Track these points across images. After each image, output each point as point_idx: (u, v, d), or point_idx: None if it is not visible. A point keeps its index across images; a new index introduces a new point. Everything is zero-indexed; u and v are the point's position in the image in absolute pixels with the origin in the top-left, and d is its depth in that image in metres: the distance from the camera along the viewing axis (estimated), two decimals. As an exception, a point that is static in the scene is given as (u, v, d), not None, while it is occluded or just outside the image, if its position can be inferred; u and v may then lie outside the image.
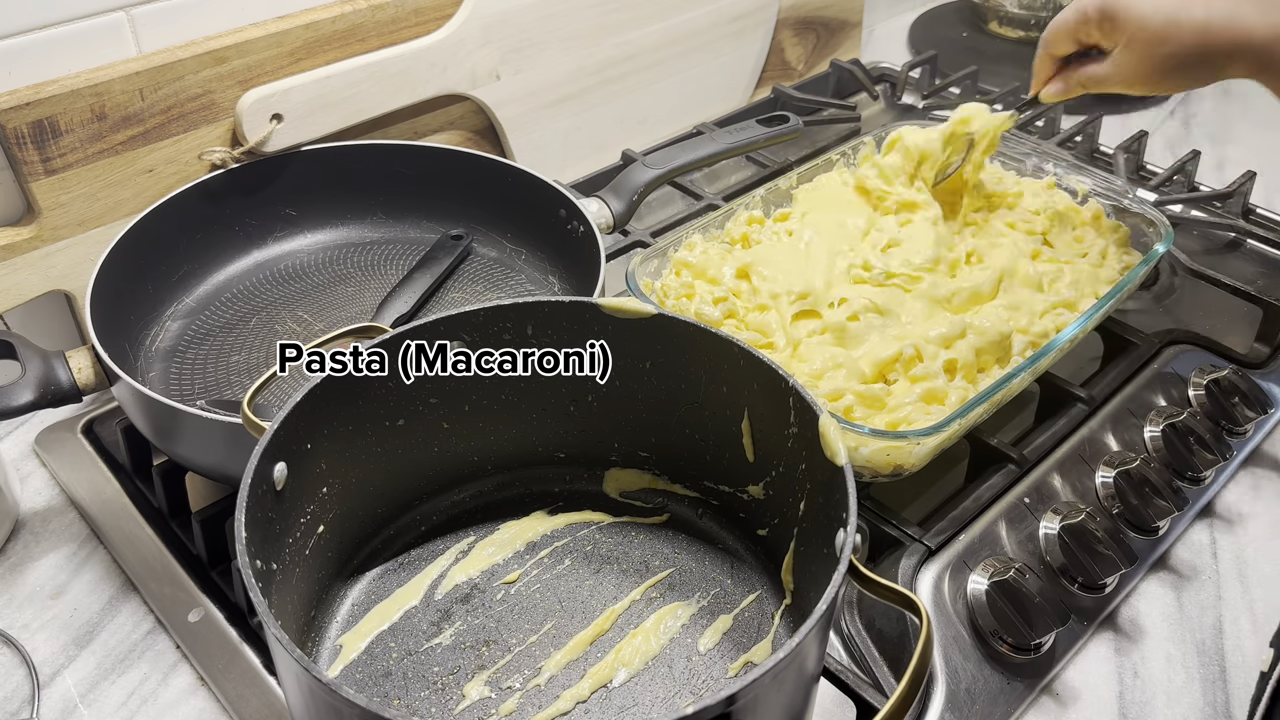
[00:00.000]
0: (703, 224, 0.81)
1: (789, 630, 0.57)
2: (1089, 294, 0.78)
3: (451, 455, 0.63)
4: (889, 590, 0.45)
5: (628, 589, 0.60)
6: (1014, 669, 0.62)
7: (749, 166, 1.10)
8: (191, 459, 0.68)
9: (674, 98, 1.12)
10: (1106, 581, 0.65)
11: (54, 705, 0.61)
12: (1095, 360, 0.84)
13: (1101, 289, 0.79)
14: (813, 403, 0.52)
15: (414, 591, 0.60)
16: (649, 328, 0.58)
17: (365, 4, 0.86)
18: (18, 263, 0.76)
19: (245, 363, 0.76)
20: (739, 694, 0.39)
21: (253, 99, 0.81)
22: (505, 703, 0.54)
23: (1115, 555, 0.64)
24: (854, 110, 1.18)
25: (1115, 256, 0.82)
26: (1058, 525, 0.66)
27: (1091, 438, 0.74)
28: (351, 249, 0.88)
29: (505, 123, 0.98)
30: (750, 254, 0.78)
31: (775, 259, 0.77)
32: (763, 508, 0.60)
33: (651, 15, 1.04)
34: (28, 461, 0.77)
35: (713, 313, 0.73)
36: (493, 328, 0.58)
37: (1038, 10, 1.39)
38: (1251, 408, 0.77)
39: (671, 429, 0.62)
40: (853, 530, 0.46)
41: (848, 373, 0.69)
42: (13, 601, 0.67)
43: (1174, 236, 0.81)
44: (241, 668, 0.61)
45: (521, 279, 0.86)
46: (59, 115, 0.74)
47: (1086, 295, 0.78)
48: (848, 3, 1.27)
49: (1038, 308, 0.76)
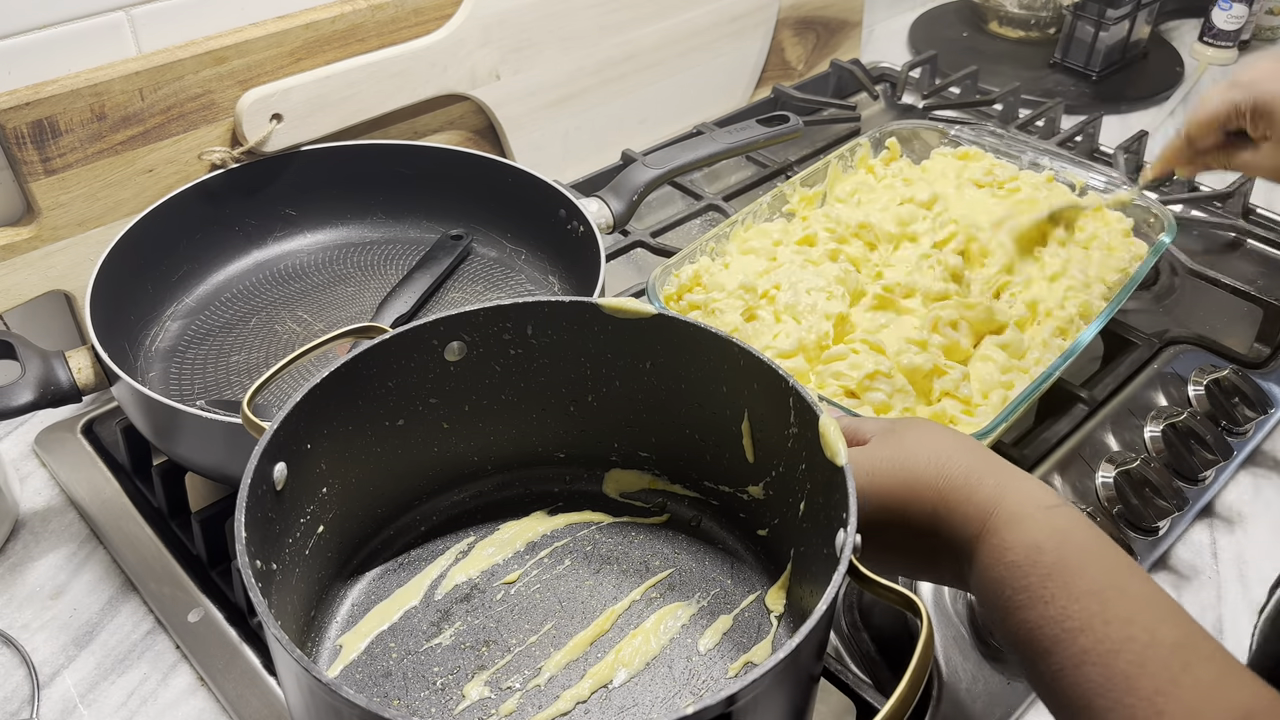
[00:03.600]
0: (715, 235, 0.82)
1: (789, 630, 0.57)
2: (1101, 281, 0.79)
3: (451, 455, 0.63)
4: (889, 590, 0.45)
5: (628, 589, 0.60)
6: (1014, 669, 0.61)
7: (749, 166, 1.10)
8: (191, 459, 0.68)
9: (674, 98, 1.12)
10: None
11: (54, 705, 0.61)
12: (1095, 360, 0.84)
13: (1112, 277, 0.79)
14: (813, 403, 0.52)
15: (414, 591, 0.59)
16: (649, 328, 0.58)
17: (365, 4, 0.86)
18: (17, 263, 0.76)
19: (245, 363, 0.76)
20: (739, 694, 0.39)
21: (252, 99, 0.81)
22: (505, 703, 0.54)
23: (1115, 555, 0.64)
24: (854, 110, 1.18)
25: (1123, 247, 0.82)
26: (1058, 525, 0.66)
27: (1092, 438, 0.74)
28: (351, 249, 0.88)
29: (505, 123, 0.98)
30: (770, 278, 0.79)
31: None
32: (763, 508, 0.60)
33: (651, 15, 1.04)
34: (28, 461, 0.77)
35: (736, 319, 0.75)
36: (493, 328, 0.58)
37: (1038, 10, 1.39)
38: (1252, 408, 0.77)
39: (671, 429, 0.62)
40: (853, 530, 0.46)
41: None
42: (13, 601, 0.67)
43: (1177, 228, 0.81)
44: (241, 668, 0.61)
45: (521, 279, 0.86)
46: (59, 115, 0.74)
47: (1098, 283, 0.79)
48: (848, 3, 1.27)
49: (1057, 295, 0.77)
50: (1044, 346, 0.74)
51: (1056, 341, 0.74)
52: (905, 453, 0.50)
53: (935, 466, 0.49)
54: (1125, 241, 0.83)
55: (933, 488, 0.48)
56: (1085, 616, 0.42)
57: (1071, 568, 0.43)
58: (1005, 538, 0.45)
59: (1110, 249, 0.82)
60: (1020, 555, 0.45)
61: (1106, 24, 1.27)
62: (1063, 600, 0.43)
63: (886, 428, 0.53)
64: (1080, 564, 0.44)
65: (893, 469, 0.50)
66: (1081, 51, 1.31)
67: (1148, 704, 0.39)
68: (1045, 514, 0.46)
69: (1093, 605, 0.42)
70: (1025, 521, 0.45)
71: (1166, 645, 0.40)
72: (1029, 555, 0.44)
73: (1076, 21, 1.30)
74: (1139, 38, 1.34)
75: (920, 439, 0.51)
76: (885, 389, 0.69)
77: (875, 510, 0.50)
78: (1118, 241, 0.83)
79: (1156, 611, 0.42)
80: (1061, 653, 0.42)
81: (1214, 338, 0.85)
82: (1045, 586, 0.43)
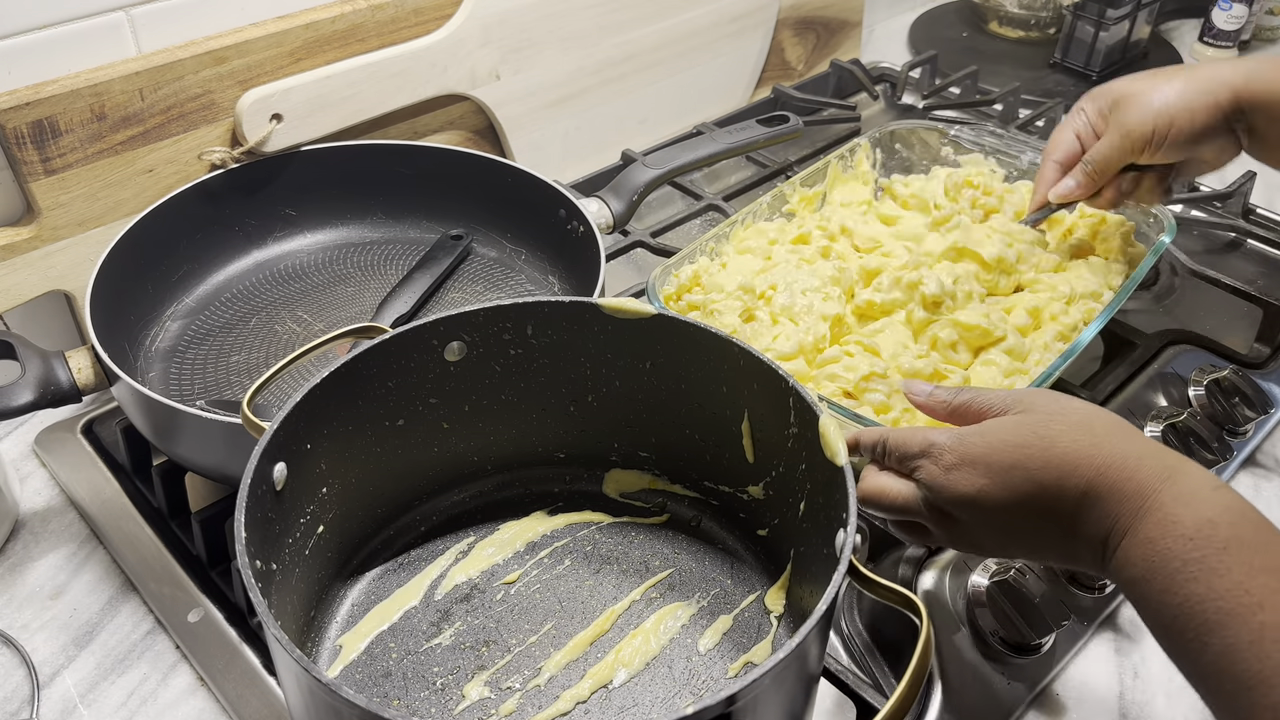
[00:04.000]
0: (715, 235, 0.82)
1: (789, 630, 0.57)
2: (1104, 286, 0.79)
3: (451, 455, 0.63)
4: (889, 590, 0.45)
5: (628, 589, 0.60)
6: (1014, 669, 0.61)
7: (749, 166, 1.10)
8: (191, 459, 0.68)
9: (674, 98, 1.12)
10: (1107, 581, 0.65)
11: (54, 705, 0.61)
12: (1095, 360, 0.84)
13: (1115, 280, 0.79)
14: (813, 403, 0.52)
15: (414, 591, 0.59)
16: (649, 328, 0.58)
17: (365, 4, 0.86)
18: (18, 263, 0.76)
19: (245, 363, 0.76)
20: (739, 694, 0.39)
21: (252, 99, 0.81)
22: (505, 703, 0.54)
23: (1115, 555, 0.64)
24: (854, 110, 1.18)
25: (1120, 250, 0.82)
26: (1058, 525, 0.66)
27: (1092, 438, 0.74)
28: (351, 249, 0.88)
29: (505, 123, 0.98)
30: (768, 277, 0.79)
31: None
32: (763, 508, 0.60)
33: (651, 15, 1.04)
34: (28, 461, 0.77)
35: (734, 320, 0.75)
36: (493, 328, 0.58)
37: (1038, 10, 1.39)
38: (1252, 408, 0.77)
39: (671, 429, 0.62)
40: (853, 530, 0.46)
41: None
42: (13, 601, 0.67)
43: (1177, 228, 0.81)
44: (241, 668, 0.61)
45: (521, 279, 0.86)
46: (59, 115, 0.74)
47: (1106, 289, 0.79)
48: (848, 3, 1.27)
49: (1059, 301, 0.77)
50: (1045, 349, 0.74)
51: (1058, 345, 0.74)
52: (1054, 431, 0.49)
53: (1089, 446, 0.48)
54: (1126, 243, 0.83)
55: (1089, 466, 0.47)
56: (1265, 592, 0.41)
57: (1248, 543, 0.43)
58: (1174, 513, 0.45)
59: (1110, 252, 0.82)
60: (1191, 529, 0.44)
61: (1106, 24, 1.27)
62: (1239, 574, 0.42)
63: (1022, 403, 0.51)
64: (1257, 541, 0.43)
65: (1044, 447, 0.48)
66: (1081, 51, 1.31)
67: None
68: (1215, 492, 0.45)
69: (1272, 582, 0.41)
70: (1196, 499, 0.45)
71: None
72: (1201, 529, 0.44)
73: (1076, 21, 1.30)
74: (1139, 38, 1.34)
75: (1068, 416, 0.50)
76: (883, 389, 0.69)
77: (1023, 490, 0.48)
78: (1118, 243, 0.83)
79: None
80: (1236, 627, 0.41)
81: (1214, 338, 0.85)
82: (1221, 559, 0.43)
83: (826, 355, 0.72)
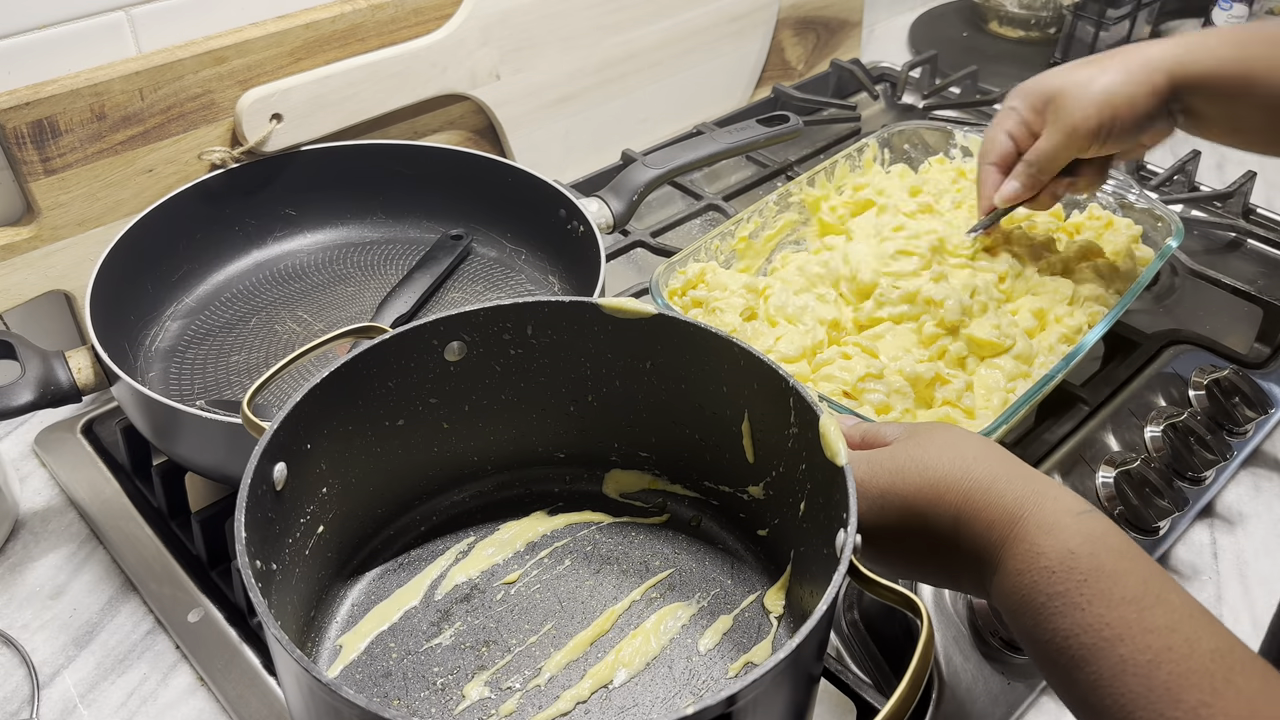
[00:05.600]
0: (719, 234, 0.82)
1: (789, 631, 0.57)
2: (1110, 289, 0.79)
3: (451, 455, 0.63)
4: (889, 590, 0.45)
5: (628, 589, 0.60)
6: (1014, 669, 0.61)
7: (749, 166, 1.10)
8: (191, 459, 0.68)
9: (674, 98, 1.12)
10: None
11: (54, 705, 0.61)
12: (1096, 360, 0.84)
13: (1121, 283, 0.79)
14: (813, 403, 0.52)
15: (414, 592, 0.59)
16: (649, 328, 0.58)
17: (365, 4, 0.86)
18: (17, 263, 0.76)
19: (245, 363, 0.76)
20: (739, 694, 0.39)
21: (252, 99, 0.81)
22: (505, 703, 0.54)
23: (1115, 555, 0.64)
24: (854, 110, 1.18)
25: (1127, 253, 0.82)
26: (1058, 525, 0.66)
27: (1092, 438, 0.74)
28: (351, 249, 0.88)
29: (505, 123, 0.98)
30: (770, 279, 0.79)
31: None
32: (763, 508, 0.60)
33: (651, 15, 1.04)
34: (27, 461, 0.77)
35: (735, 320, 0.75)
36: (493, 328, 0.58)
37: (1038, 10, 1.39)
38: (1252, 408, 0.77)
39: (671, 429, 0.62)
40: (853, 530, 0.46)
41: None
42: (12, 601, 0.67)
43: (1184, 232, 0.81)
44: (241, 668, 0.61)
45: (521, 279, 0.86)
46: (59, 115, 0.74)
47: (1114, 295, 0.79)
48: (848, 2, 1.27)
49: (1064, 303, 0.77)
50: (1050, 351, 0.74)
51: (1062, 348, 0.74)
52: (929, 456, 0.49)
53: (959, 470, 0.48)
54: (1132, 248, 0.83)
55: (956, 491, 0.47)
56: (1123, 625, 0.41)
57: (1108, 573, 0.42)
58: (1037, 543, 0.44)
59: (1117, 255, 0.82)
60: (1054, 561, 0.43)
61: (1107, 24, 1.27)
62: (1100, 607, 0.41)
63: (908, 432, 0.52)
64: (1116, 570, 0.43)
65: (917, 472, 0.48)
66: (1081, 51, 1.31)
67: (1191, 715, 0.38)
68: (1077, 520, 0.45)
69: (1130, 613, 0.41)
70: (1057, 527, 0.44)
71: (1207, 655, 0.39)
72: (1063, 561, 0.43)
73: (1076, 21, 1.30)
74: (1139, 38, 1.34)
75: (944, 443, 0.50)
76: (881, 390, 0.69)
77: (898, 514, 0.49)
78: (1125, 247, 0.82)
79: (1195, 621, 0.41)
80: (1099, 662, 0.41)
81: (1214, 338, 0.85)
82: (1081, 592, 0.42)
83: (823, 358, 0.72)
